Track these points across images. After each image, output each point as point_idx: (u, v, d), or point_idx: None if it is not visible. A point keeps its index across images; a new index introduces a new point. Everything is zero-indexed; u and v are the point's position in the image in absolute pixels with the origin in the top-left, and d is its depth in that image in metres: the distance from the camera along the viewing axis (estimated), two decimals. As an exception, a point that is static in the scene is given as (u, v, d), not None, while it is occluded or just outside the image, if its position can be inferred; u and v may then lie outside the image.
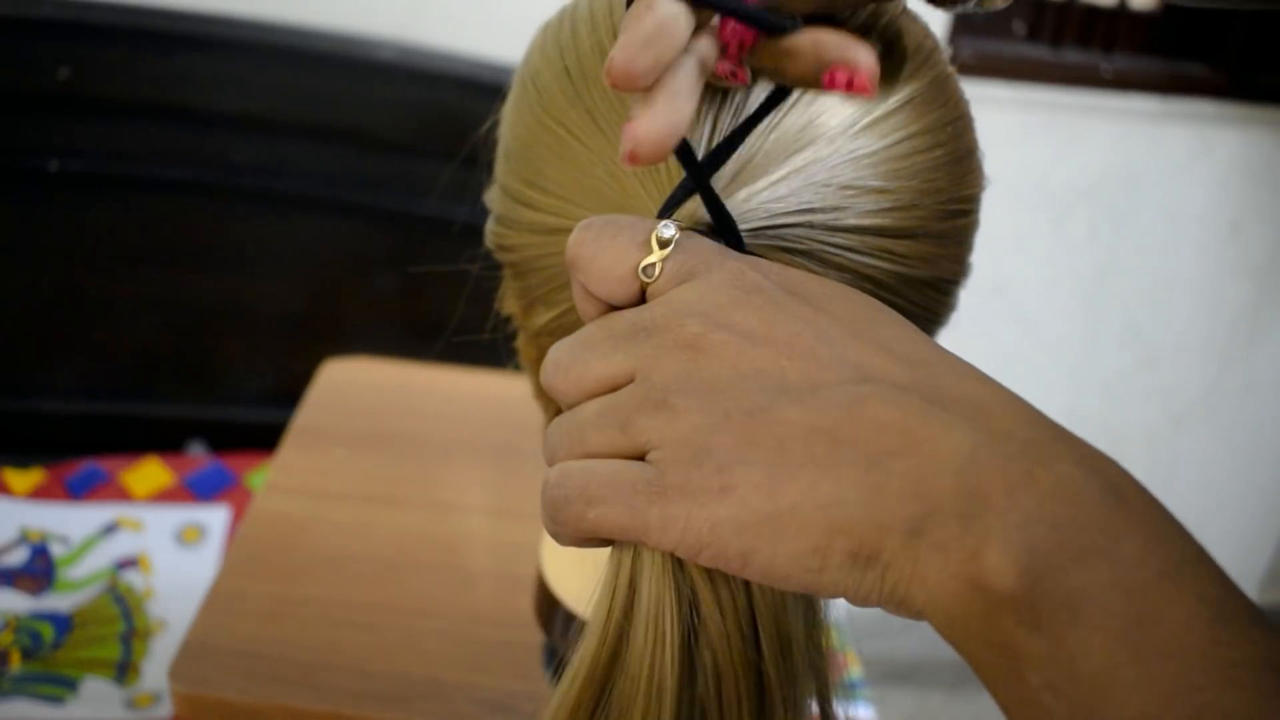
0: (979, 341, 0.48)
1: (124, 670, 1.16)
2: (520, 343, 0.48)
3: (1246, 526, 1.91)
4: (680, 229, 0.34)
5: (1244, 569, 1.95)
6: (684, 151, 0.36)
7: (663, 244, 0.33)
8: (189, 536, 1.33)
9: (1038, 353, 1.69)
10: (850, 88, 0.32)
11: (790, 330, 0.31)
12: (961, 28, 1.54)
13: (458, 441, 0.87)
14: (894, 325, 0.33)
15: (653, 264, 0.33)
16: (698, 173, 0.36)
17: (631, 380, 0.32)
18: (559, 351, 0.34)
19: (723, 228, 0.36)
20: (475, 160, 0.51)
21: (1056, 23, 1.56)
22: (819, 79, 0.33)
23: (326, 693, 0.62)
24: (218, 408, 1.53)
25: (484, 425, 0.89)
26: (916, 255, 0.40)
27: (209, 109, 1.36)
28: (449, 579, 0.71)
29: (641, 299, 0.34)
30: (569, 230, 0.41)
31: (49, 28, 1.30)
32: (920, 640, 0.98)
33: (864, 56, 0.32)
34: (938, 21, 1.47)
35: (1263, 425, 1.82)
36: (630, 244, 0.34)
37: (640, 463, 0.32)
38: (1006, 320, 1.63)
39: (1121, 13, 1.57)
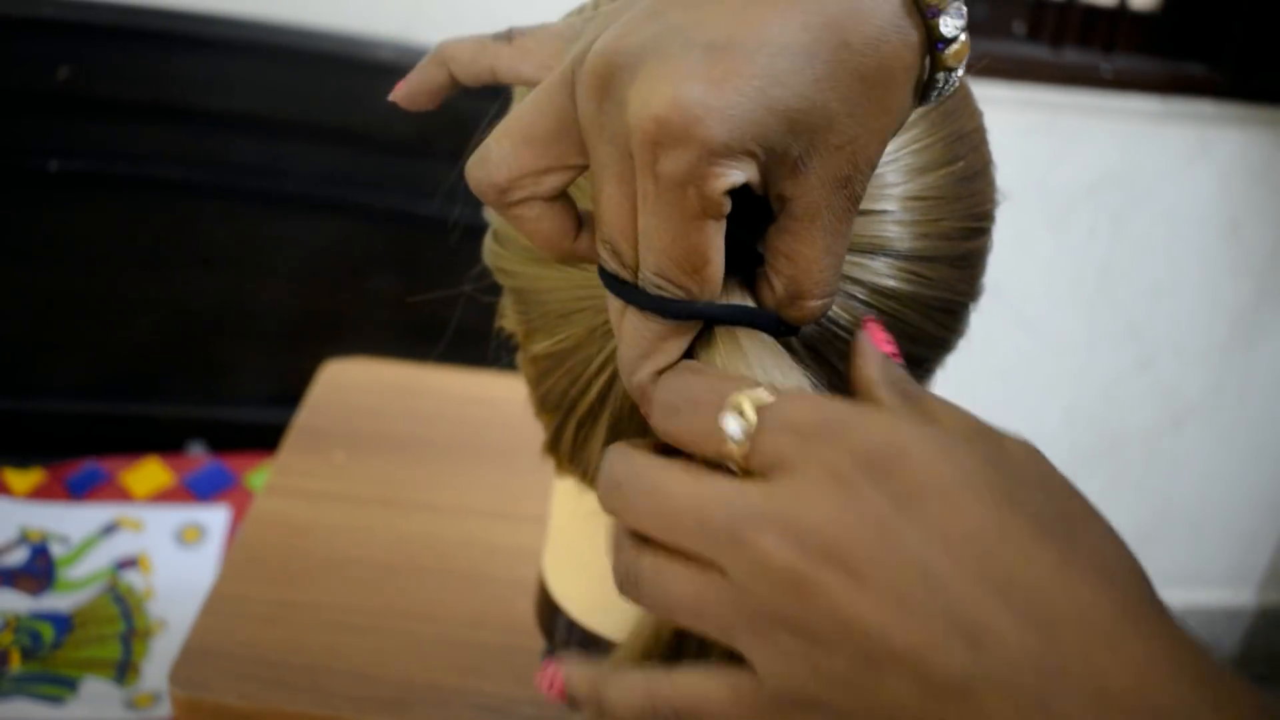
0: (979, 341, 0.48)
1: (124, 670, 1.16)
2: (520, 361, 0.48)
3: (1246, 526, 1.91)
4: (758, 408, 0.29)
5: (1244, 569, 1.95)
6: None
7: (737, 441, 0.30)
8: (189, 536, 1.33)
9: (1038, 353, 1.69)
10: None
11: (895, 565, 0.27)
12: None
13: (459, 444, 0.87)
14: (1018, 538, 0.27)
15: (732, 458, 0.30)
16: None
17: (720, 571, 0.29)
18: (628, 479, 0.31)
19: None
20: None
21: (1056, 23, 1.56)
22: None
23: (327, 697, 0.62)
24: (218, 408, 1.53)
25: (486, 427, 0.89)
26: (937, 277, 0.40)
27: (209, 109, 1.36)
28: (450, 583, 0.71)
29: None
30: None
31: (49, 28, 1.30)
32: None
33: None
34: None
35: (1263, 425, 1.82)
36: (709, 425, 0.30)
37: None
38: (1006, 320, 1.63)
39: (1121, 13, 1.56)
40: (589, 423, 0.43)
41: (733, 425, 0.30)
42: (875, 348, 0.33)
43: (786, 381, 0.33)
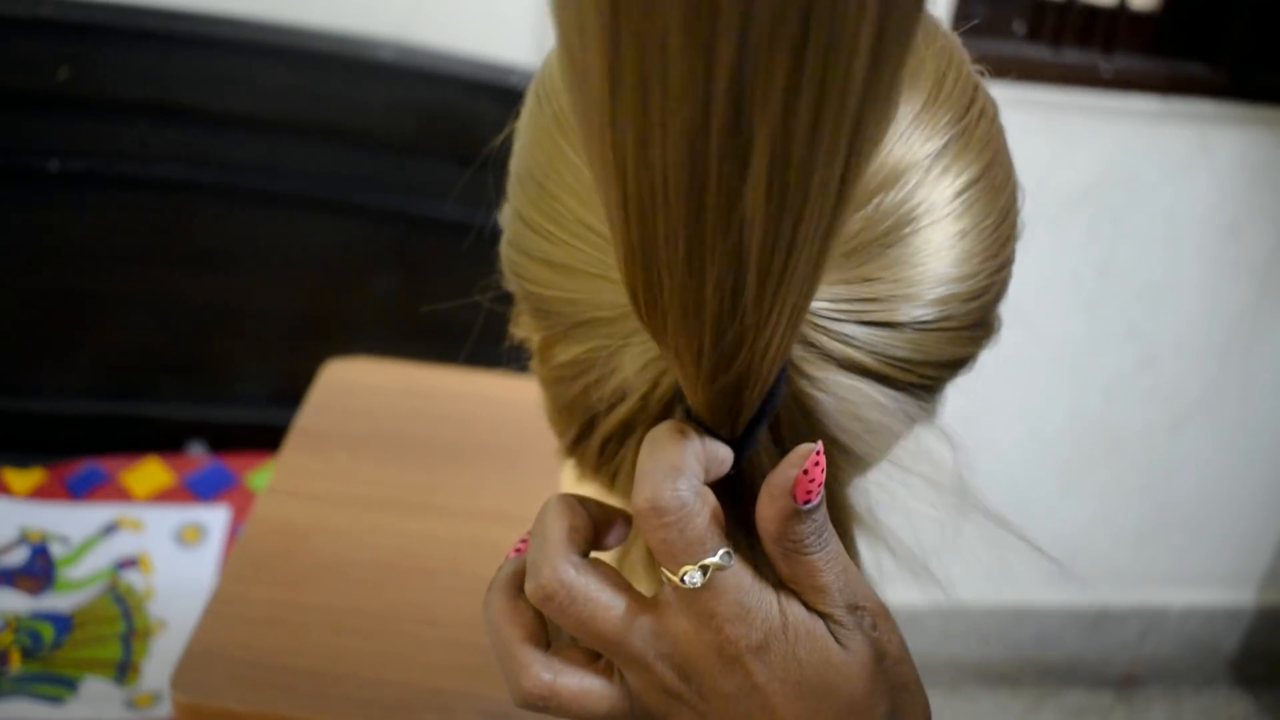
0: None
1: (124, 670, 1.16)
2: (535, 365, 0.46)
3: (1247, 526, 1.91)
4: (716, 566, 0.34)
5: (1244, 569, 1.95)
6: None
7: (689, 586, 0.34)
8: (189, 536, 1.33)
9: (1038, 353, 1.69)
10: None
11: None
12: (961, 28, 1.54)
13: (463, 444, 0.87)
14: None
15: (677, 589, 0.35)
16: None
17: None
18: (562, 584, 0.35)
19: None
20: (472, 161, 0.50)
21: (1056, 23, 1.56)
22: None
23: (329, 701, 0.62)
24: (218, 408, 1.53)
25: (489, 428, 0.89)
26: (948, 339, 0.41)
27: (209, 109, 1.36)
28: (453, 586, 0.71)
29: None
30: (584, 271, 0.40)
31: (49, 28, 1.30)
32: (919, 639, 0.98)
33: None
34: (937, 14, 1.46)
35: (1263, 425, 1.82)
36: (686, 553, 0.34)
37: None
38: (1006, 320, 1.63)
39: (1121, 13, 1.56)
40: (618, 437, 0.42)
41: (694, 576, 0.34)
42: (832, 568, 0.35)
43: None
